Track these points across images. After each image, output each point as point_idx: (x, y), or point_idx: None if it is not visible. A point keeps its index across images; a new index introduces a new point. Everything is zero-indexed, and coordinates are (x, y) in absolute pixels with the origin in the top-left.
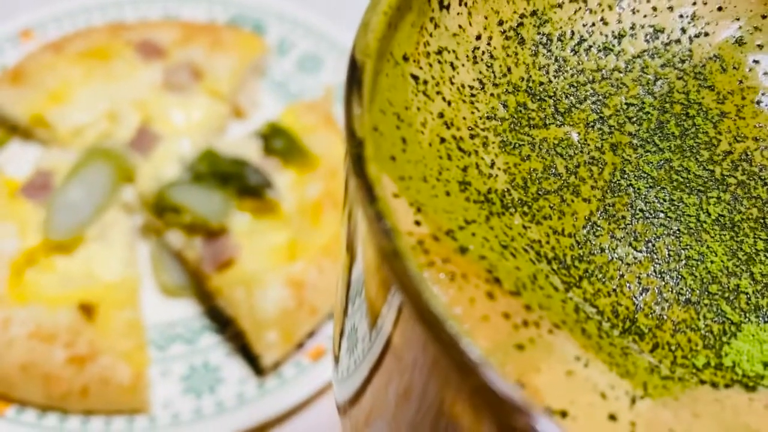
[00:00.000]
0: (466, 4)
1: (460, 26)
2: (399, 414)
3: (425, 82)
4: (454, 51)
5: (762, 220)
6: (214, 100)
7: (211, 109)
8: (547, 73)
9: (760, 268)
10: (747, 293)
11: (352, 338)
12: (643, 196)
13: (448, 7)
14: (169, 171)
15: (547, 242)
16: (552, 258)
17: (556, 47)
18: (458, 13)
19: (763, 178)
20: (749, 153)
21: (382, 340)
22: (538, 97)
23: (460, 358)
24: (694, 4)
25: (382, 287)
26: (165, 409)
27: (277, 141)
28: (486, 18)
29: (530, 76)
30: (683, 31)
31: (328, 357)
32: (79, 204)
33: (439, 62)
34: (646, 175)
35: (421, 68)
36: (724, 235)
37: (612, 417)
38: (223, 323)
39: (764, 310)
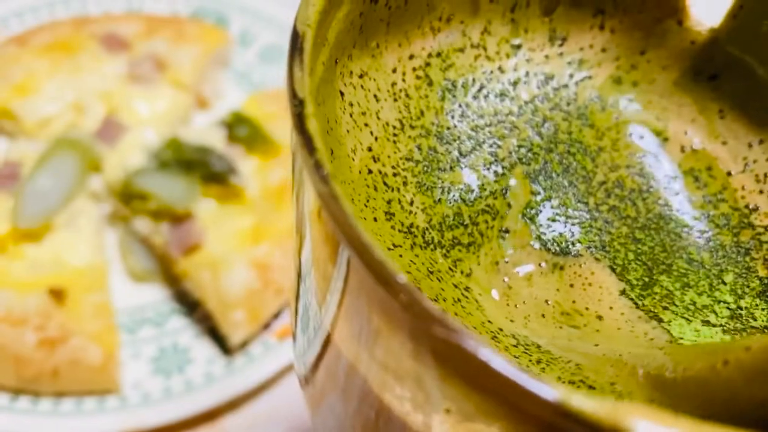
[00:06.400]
0: (390, 7)
1: (377, 45)
2: (348, 386)
3: (351, 105)
4: (374, 80)
5: (631, 235)
6: (178, 91)
7: (175, 100)
8: (453, 117)
9: (634, 275)
10: (631, 297)
11: (305, 318)
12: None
13: (376, 2)
14: (134, 160)
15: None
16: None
17: (460, 93)
18: (380, 20)
19: (632, 199)
20: (621, 180)
21: (332, 309)
22: (445, 141)
23: (388, 280)
24: (582, 49)
25: (327, 243)
26: (135, 389)
27: (241, 129)
28: (399, 45)
29: (439, 121)
30: (570, 76)
31: None
32: (47, 193)
33: (362, 87)
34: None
35: (345, 86)
36: (598, 255)
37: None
38: (190, 306)
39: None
